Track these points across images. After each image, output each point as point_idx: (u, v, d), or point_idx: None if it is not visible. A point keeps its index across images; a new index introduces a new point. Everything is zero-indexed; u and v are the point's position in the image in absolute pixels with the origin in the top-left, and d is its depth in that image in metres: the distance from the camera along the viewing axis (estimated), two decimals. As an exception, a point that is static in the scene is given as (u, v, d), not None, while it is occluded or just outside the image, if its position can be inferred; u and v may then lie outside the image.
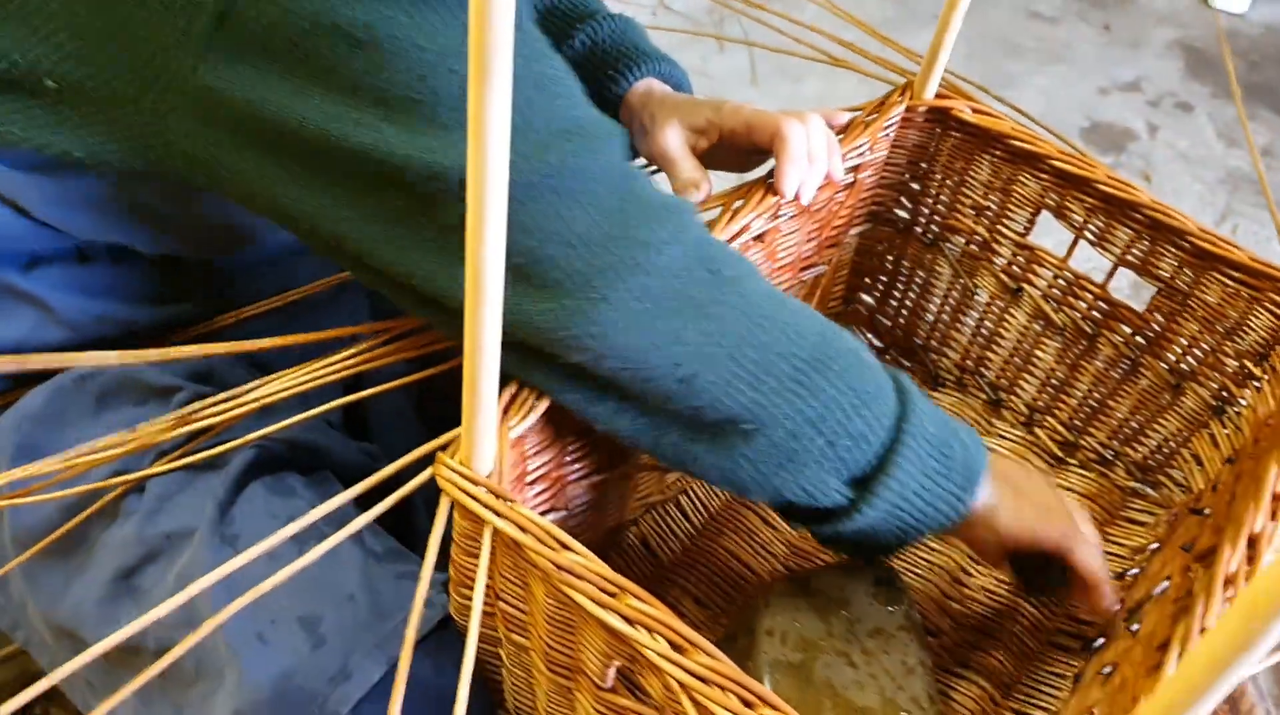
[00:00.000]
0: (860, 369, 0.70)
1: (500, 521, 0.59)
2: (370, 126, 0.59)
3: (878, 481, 0.70)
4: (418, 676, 0.70)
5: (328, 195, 0.63)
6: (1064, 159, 0.91)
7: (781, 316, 0.68)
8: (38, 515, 0.78)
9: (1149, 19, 2.65)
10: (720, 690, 0.54)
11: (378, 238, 0.63)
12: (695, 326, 0.65)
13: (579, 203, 0.63)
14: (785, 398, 0.67)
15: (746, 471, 0.69)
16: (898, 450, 0.70)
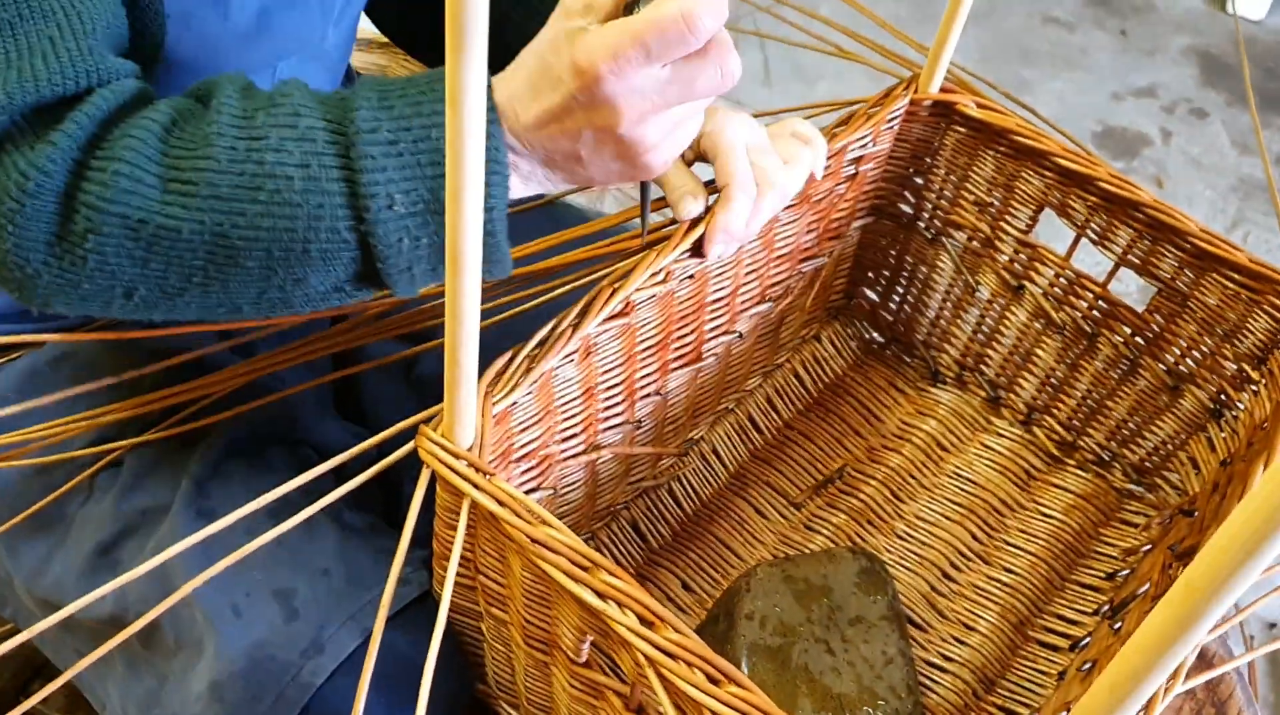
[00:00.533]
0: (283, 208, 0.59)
1: (478, 494, 0.59)
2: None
3: (382, 282, 0.63)
4: (394, 650, 0.71)
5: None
6: (1067, 156, 0.91)
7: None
8: (15, 490, 0.79)
9: (1166, 25, 2.63)
10: (687, 666, 0.54)
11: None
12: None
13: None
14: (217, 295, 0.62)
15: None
16: (377, 255, 0.60)
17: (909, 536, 0.97)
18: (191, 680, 0.73)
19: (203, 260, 0.59)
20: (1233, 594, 0.34)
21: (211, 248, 0.59)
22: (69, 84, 0.58)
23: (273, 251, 0.59)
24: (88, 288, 0.60)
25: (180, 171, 0.58)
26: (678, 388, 0.91)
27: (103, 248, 0.58)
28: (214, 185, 0.58)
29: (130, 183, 0.57)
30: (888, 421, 1.06)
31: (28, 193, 0.57)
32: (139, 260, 0.59)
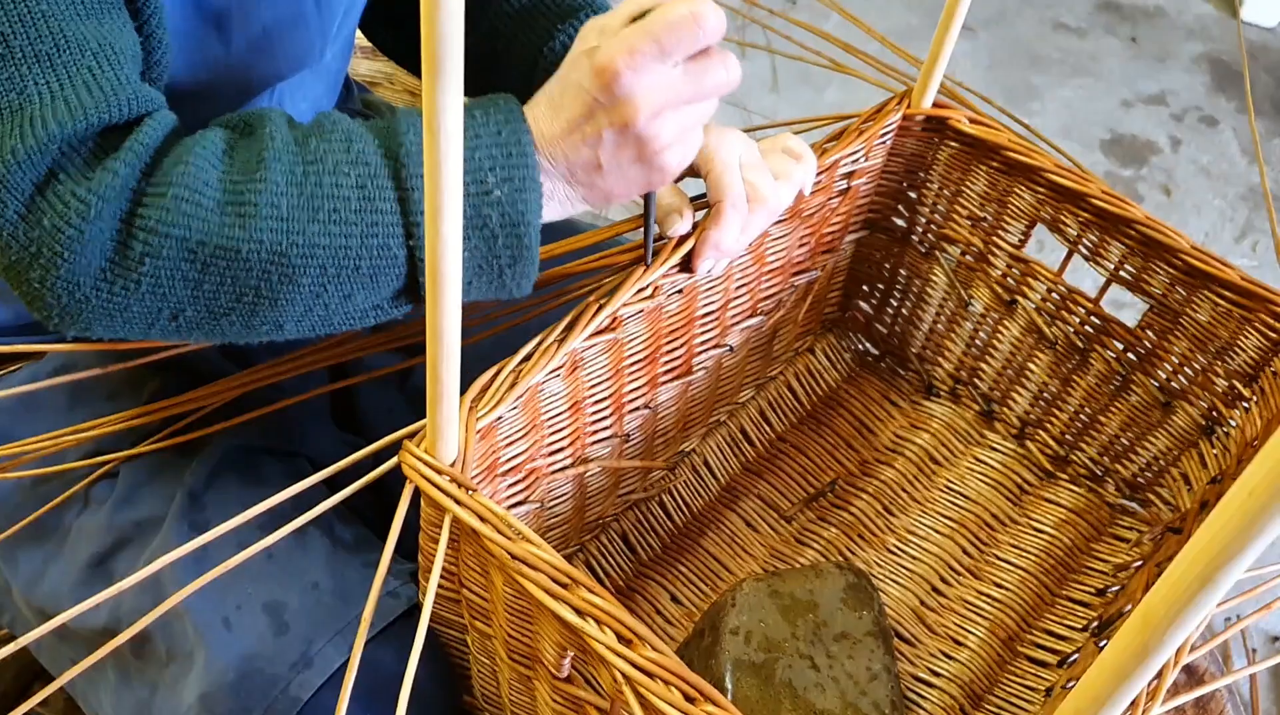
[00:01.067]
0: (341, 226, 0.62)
1: (459, 510, 0.60)
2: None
3: (422, 296, 0.63)
4: (381, 665, 0.72)
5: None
6: (1059, 172, 0.91)
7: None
8: (12, 501, 0.80)
9: (1177, 32, 2.62)
10: (664, 685, 0.54)
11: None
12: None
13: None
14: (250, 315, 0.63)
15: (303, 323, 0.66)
16: (421, 269, 0.63)
17: (899, 551, 0.97)
18: (182, 691, 0.73)
19: (257, 279, 0.61)
20: (1188, 626, 0.34)
21: (267, 266, 0.61)
22: (114, 113, 0.60)
23: (327, 268, 0.61)
24: (135, 311, 0.62)
25: (240, 193, 0.60)
26: (667, 401, 0.91)
27: (158, 271, 0.60)
28: (274, 206, 0.60)
29: (190, 206, 0.59)
30: (881, 435, 1.06)
31: (88, 219, 0.58)
32: (192, 282, 0.61)
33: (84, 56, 0.60)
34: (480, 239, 0.63)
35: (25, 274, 0.60)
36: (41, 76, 0.59)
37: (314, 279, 0.62)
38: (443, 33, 0.42)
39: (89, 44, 0.60)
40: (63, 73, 0.59)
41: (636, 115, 0.63)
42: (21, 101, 0.58)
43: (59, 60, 0.59)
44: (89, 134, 0.60)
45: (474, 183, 0.62)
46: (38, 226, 0.59)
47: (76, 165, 0.59)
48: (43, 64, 0.59)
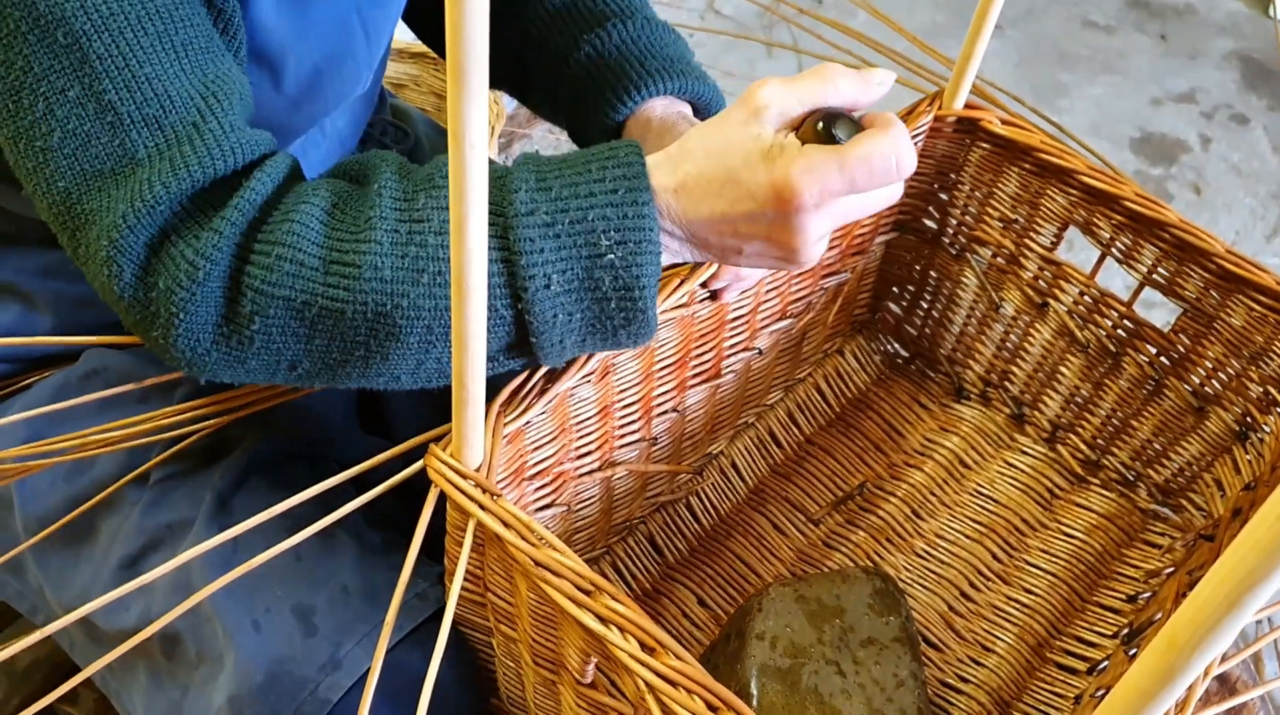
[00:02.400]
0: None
1: (483, 515, 0.60)
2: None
3: (533, 355, 0.63)
4: (411, 666, 0.72)
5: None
6: (1092, 174, 0.90)
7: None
8: (47, 504, 0.81)
9: (1207, 29, 2.59)
10: (686, 693, 0.54)
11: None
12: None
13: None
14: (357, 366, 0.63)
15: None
16: (531, 331, 0.61)
17: (928, 555, 0.96)
18: (212, 693, 0.74)
19: (365, 337, 0.61)
20: (1214, 649, 0.33)
21: (373, 326, 0.60)
22: (219, 164, 0.60)
23: (433, 328, 0.61)
24: (254, 363, 0.63)
25: (343, 253, 0.60)
26: (696, 404, 0.91)
27: (268, 328, 0.60)
28: (377, 268, 0.59)
29: (293, 266, 0.59)
30: (910, 438, 1.06)
31: (197, 281, 0.59)
32: (302, 338, 0.61)
33: (189, 113, 0.60)
34: (592, 301, 0.61)
35: (149, 331, 0.61)
36: (150, 139, 0.60)
37: (420, 338, 0.61)
38: (467, 45, 0.42)
39: (194, 99, 0.61)
40: (169, 132, 0.60)
41: (802, 243, 0.61)
42: (132, 166, 0.59)
43: (166, 121, 0.60)
44: (195, 189, 0.60)
45: (586, 244, 0.59)
46: (154, 288, 0.60)
47: (186, 224, 0.60)
48: (150, 127, 0.60)
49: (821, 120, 0.61)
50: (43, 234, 0.79)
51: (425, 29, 0.99)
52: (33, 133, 0.60)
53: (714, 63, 2.31)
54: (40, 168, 0.60)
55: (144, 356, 0.84)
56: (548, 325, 0.61)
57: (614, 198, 0.59)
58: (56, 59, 0.58)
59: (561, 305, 0.60)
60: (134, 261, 0.59)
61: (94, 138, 0.59)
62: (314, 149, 0.86)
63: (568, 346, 0.63)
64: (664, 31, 0.86)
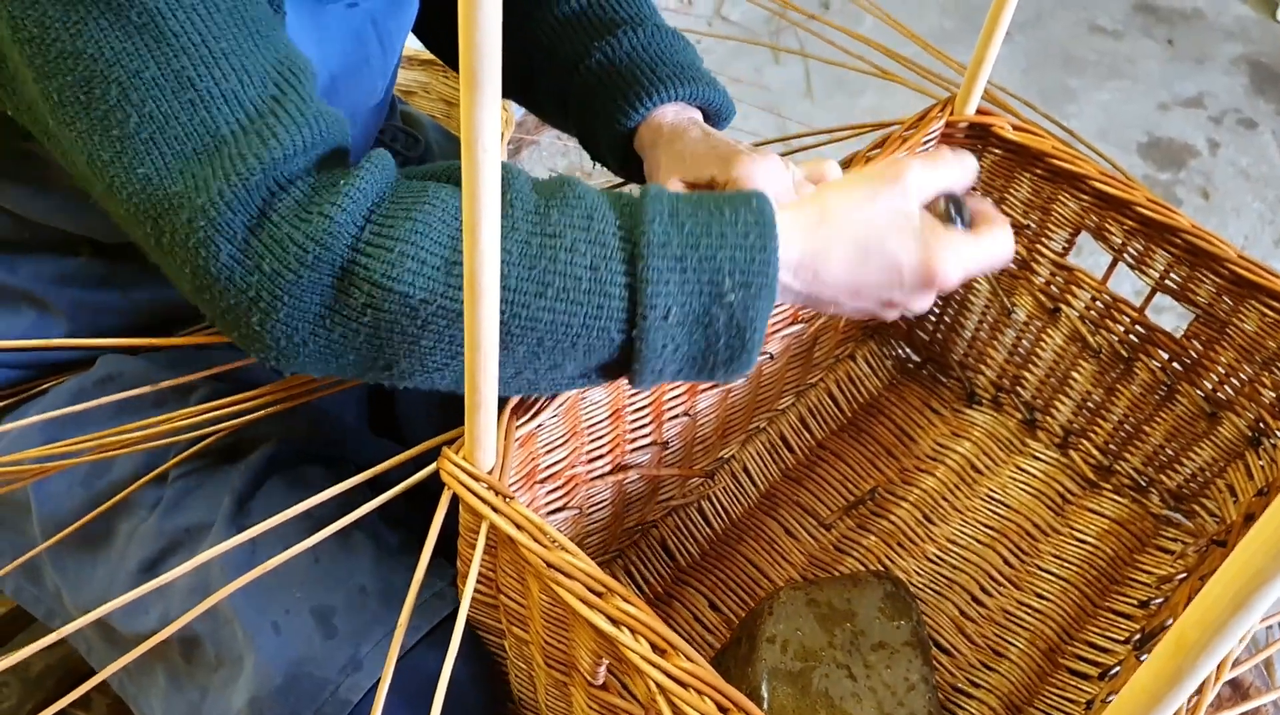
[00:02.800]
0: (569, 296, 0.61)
1: (496, 517, 0.60)
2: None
3: (630, 378, 0.64)
4: (427, 667, 0.72)
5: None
6: (1104, 180, 0.90)
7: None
8: (64, 508, 0.82)
9: (1215, 34, 2.58)
10: (697, 695, 0.55)
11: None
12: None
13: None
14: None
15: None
16: (636, 356, 0.62)
17: (940, 560, 0.96)
18: (231, 695, 0.74)
19: None
20: (1222, 650, 0.34)
21: None
22: (305, 134, 0.60)
23: (544, 341, 0.61)
24: (350, 358, 0.62)
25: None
26: (707, 408, 0.91)
27: (378, 322, 0.60)
28: (503, 277, 0.59)
29: (416, 263, 0.59)
30: (922, 442, 1.06)
31: (306, 265, 0.58)
32: (411, 337, 0.61)
33: (267, 87, 0.60)
34: (702, 336, 0.62)
35: (244, 317, 0.60)
36: (231, 114, 0.59)
37: (529, 348, 0.61)
38: (480, 50, 0.42)
39: (270, 74, 0.61)
40: (250, 107, 0.60)
41: (923, 308, 0.69)
42: (217, 143, 0.59)
43: (245, 96, 0.60)
44: (294, 168, 0.60)
45: (710, 283, 0.61)
46: (256, 271, 0.59)
47: (289, 206, 0.59)
48: (230, 102, 0.59)
49: (948, 202, 0.71)
50: (58, 240, 0.80)
51: (435, 40, 1.00)
52: (107, 121, 0.59)
53: (721, 69, 2.31)
54: (117, 157, 0.59)
55: (159, 361, 0.84)
56: (654, 353, 0.62)
57: (744, 242, 0.61)
58: (130, 39, 0.58)
59: (673, 337, 0.62)
60: (232, 242, 0.59)
61: (173, 117, 0.59)
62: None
63: (665, 374, 0.64)
64: (674, 38, 0.87)
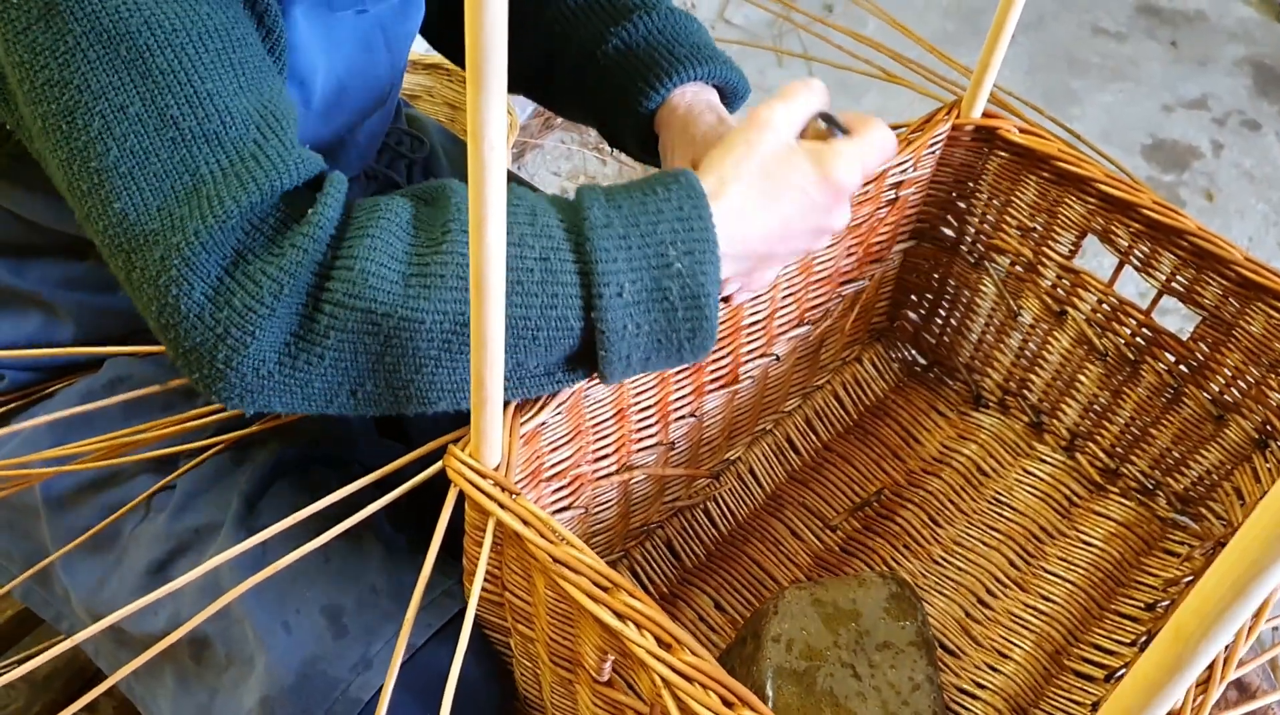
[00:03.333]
0: (530, 298, 0.63)
1: (503, 513, 0.60)
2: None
3: (600, 370, 0.66)
4: (437, 664, 0.73)
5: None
6: (1110, 182, 0.90)
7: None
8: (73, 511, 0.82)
9: (1218, 35, 2.58)
10: (702, 689, 0.55)
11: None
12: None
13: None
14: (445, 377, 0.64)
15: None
16: (601, 342, 0.64)
17: (945, 562, 0.96)
18: (242, 695, 0.74)
19: (438, 349, 0.62)
20: (1221, 639, 0.34)
21: (449, 336, 0.62)
22: (285, 179, 0.61)
23: (505, 337, 0.61)
24: (317, 387, 0.63)
25: (425, 265, 0.61)
26: (713, 409, 0.91)
27: (342, 344, 0.61)
28: (460, 277, 0.61)
29: (376, 278, 0.60)
30: (928, 445, 1.06)
31: (279, 297, 0.59)
32: (374, 354, 0.62)
33: (249, 130, 0.61)
34: (660, 312, 0.64)
35: (210, 355, 0.61)
36: (211, 155, 0.60)
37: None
38: (486, 47, 0.43)
39: (252, 117, 0.61)
40: (231, 149, 0.60)
41: (843, 222, 0.72)
42: (195, 183, 0.59)
43: (226, 137, 0.60)
44: (266, 207, 0.61)
45: (656, 256, 0.63)
46: (226, 307, 0.59)
47: (261, 243, 0.60)
48: (211, 143, 0.60)
49: (823, 120, 0.73)
50: (65, 244, 0.81)
51: (442, 40, 1.01)
52: (88, 153, 0.60)
53: (725, 72, 2.32)
54: (95, 189, 0.60)
55: (166, 364, 0.85)
56: (618, 335, 0.63)
57: (680, 213, 0.64)
58: (117, 74, 0.59)
59: (631, 315, 0.63)
60: (206, 280, 0.59)
61: (153, 154, 0.59)
62: (343, 158, 0.87)
63: (633, 361, 0.65)
64: (687, 20, 0.89)
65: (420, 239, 0.62)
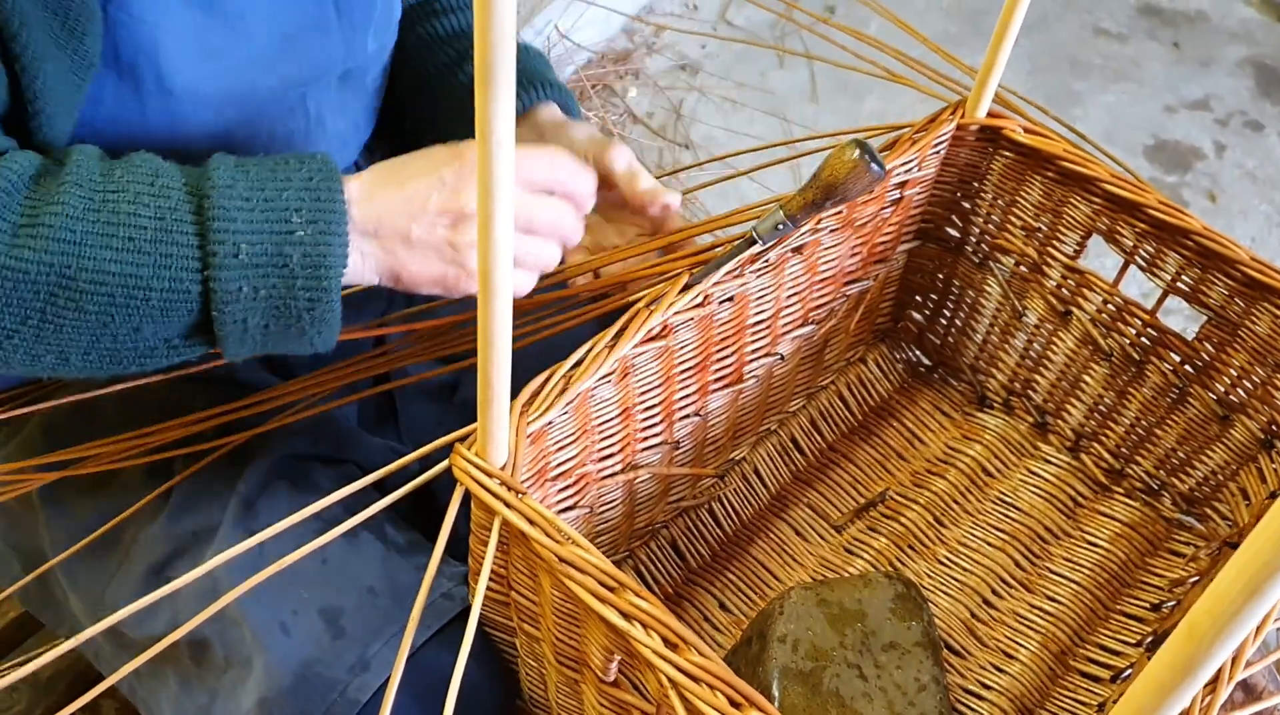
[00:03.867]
0: (131, 256, 0.64)
1: (509, 512, 0.60)
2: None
3: (216, 334, 0.66)
4: (439, 665, 0.73)
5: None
6: (1115, 182, 0.90)
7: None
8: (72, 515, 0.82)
9: (1220, 36, 2.58)
10: (709, 689, 0.55)
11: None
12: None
13: None
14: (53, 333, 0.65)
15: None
16: (215, 303, 0.64)
17: (950, 562, 0.96)
18: (241, 696, 0.74)
19: (43, 302, 0.63)
20: (1235, 638, 0.34)
21: (55, 289, 0.62)
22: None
23: (115, 297, 0.63)
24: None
25: (35, 216, 0.62)
26: (718, 409, 0.91)
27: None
28: (69, 229, 0.62)
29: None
30: (932, 446, 1.06)
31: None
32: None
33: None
34: (279, 278, 0.65)
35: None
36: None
37: (101, 307, 0.63)
38: (495, 43, 0.43)
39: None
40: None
41: (469, 206, 0.69)
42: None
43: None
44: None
45: (279, 222, 0.64)
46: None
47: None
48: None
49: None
50: None
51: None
52: None
53: (726, 74, 2.32)
54: None
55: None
56: (231, 297, 0.64)
57: (308, 184, 0.66)
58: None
59: (248, 277, 0.64)
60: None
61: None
62: (315, 148, 0.87)
63: (250, 329, 0.66)
64: (530, 51, 0.96)
65: (37, 194, 0.63)
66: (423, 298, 1.02)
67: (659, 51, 2.38)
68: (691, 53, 2.38)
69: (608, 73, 2.28)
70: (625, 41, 2.39)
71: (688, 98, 2.27)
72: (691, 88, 2.29)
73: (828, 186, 0.73)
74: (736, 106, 2.24)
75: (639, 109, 2.24)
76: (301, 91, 0.80)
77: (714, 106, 2.25)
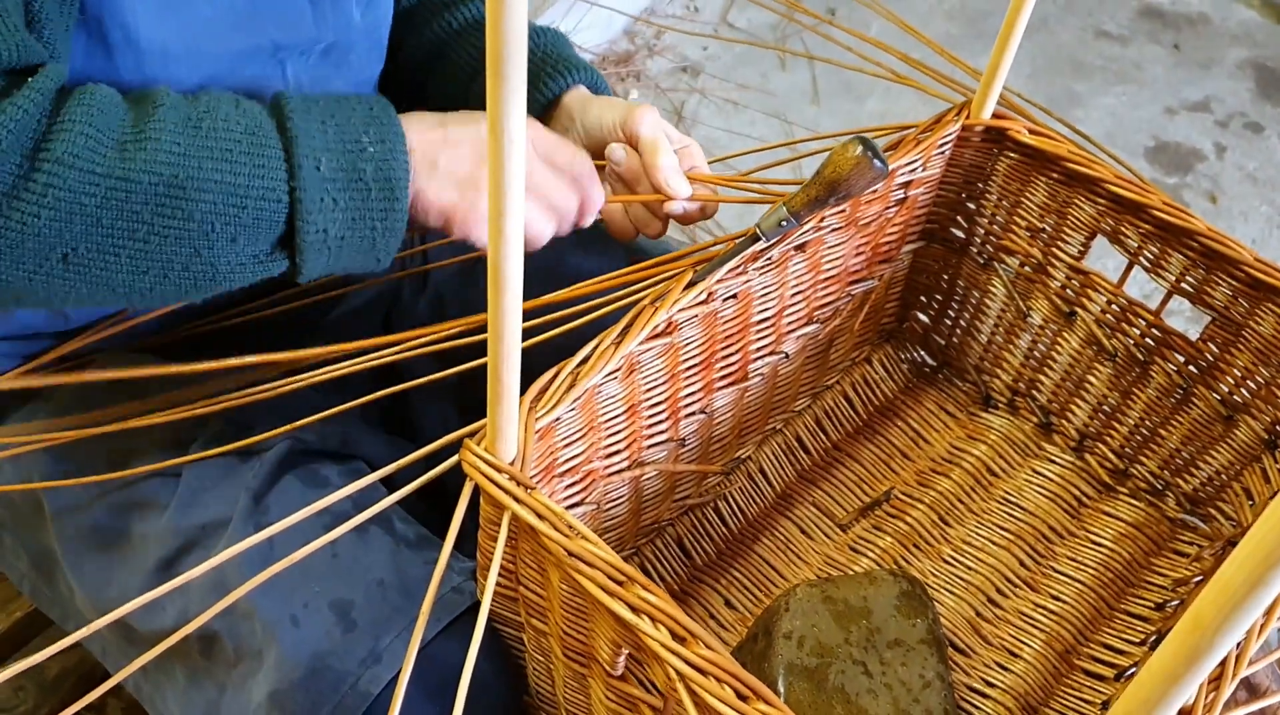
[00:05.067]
0: (229, 164, 0.68)
1: (518, 507, 0.61)
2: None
3: (298, 246, 0.71)
4: (450, 659, 0.73)
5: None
6: (1120, 183, 0.90)
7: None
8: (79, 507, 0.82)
9: (1221, 38, 2.58)
10: (717, 682, 0.55)
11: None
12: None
13: None
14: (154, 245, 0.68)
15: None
16: (300, 213, 0.70)
17: (955, 561, 0.97)
18: (251, 690, 0.75)
19: (152, 213, 0.66)
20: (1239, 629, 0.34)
21: (163, 197, 0.66)
22: (10, 56, 0.63)
23: (217, 205, 0.67)
24: (29, 247, 0.64)
25: (140, 129, 0.66)
26: (723, 407, 0.92)
27: (59, 202, 0.63)
28: (174, 141, 0.66)
29: (93, 141, 0.64)
30: (937, 445, 1.06)
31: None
32: (90, 215, 0.64)
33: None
34: (356, 190, 0.71)
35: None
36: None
37: (204, 215, 0.67)
38: (506, 39, 0.43)
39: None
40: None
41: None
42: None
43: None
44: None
45: (352, 140, 0.71)
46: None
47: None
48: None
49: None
50: None
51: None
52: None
53: (728, 75, 2.33)
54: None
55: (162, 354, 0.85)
56: (315, 206, 0.70)
57: (371, 113, 0.73)
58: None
59: (327, 190, 0.70)
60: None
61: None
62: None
63: (330, 239, 0.71)
64: (558, 35, 0.98)
65: (135, 112, 0.67)
66: (432, 296, 1.02)
67: (660, 53, 2.38)
68: (693, 54, 2.39)
69: (609, 75, 2.28)
70: (626, 43, 2.39)
71: (689, 99, 2.28)
72: (693, 89, 2.30)
73: (831, 183, 0.74)
74: (738, 108, 2.25)
75: (640, 110, 2.24)
76: (280, 58, 0.80)
77: (715, 108, 2.26)
